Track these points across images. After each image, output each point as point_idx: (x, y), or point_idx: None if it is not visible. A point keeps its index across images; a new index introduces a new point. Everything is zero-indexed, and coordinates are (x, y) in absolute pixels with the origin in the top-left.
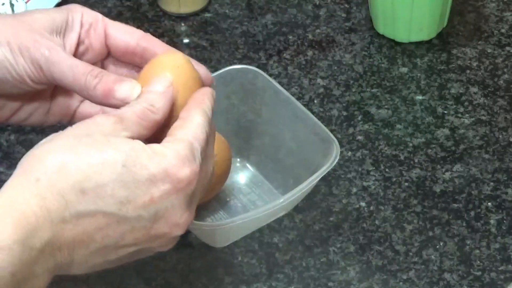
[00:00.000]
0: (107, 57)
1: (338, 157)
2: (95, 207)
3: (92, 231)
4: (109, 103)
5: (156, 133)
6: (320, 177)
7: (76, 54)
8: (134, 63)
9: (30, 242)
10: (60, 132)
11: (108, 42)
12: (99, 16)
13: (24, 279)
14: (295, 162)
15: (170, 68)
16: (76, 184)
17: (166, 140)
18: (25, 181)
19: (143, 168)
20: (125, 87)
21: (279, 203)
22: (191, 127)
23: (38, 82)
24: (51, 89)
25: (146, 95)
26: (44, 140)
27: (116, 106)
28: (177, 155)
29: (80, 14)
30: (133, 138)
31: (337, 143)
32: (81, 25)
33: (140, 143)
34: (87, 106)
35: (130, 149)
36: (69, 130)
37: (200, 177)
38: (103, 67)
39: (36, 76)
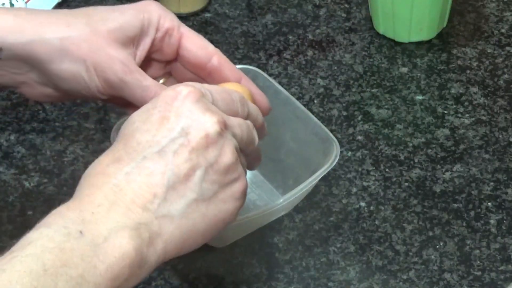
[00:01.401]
0: (175, 61)
1: (338, 157)
2: (133, 160)
3: (147, 178)
4: None
5: None
6: (320, 177)
7: (146, 57)
8: (199, 75)
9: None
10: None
11: (181, 53)
12: (175, 22)
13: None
14: (295, 162)
15: None
16: (110, 160)
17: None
18: (81, 185)
19: (148, 112)
20: None
21: (279, 203)
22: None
23: (106, 95)
24: None
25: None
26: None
27: None
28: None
29: (157, 17)
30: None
31: (337, 143)
32: (157, 30)
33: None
34: None
35: (137, 111)
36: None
37: (202, 91)
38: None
39: (106, 92)
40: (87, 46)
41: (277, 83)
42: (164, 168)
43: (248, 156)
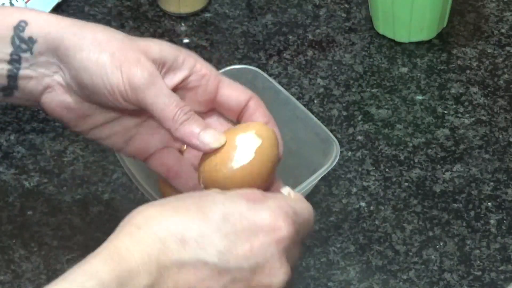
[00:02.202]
0: (207, 113)
1: (338, 157)
2: (196, 257)
3: (194, 282)
4: (191, 142)
5: None
6: (320, 177)
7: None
8: (233, 118)
9: (130, 285)
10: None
11: (219, 98)
12: (213, 70)
13: None
14: (295, 163)
15: (260, 135)
16: (177, 233)
17: (267, 194)
18: (127, 229)
19: (242, 219)
20: (211, 132)
21: None
22: (303, 204)
23: (126, 100)
24: (139, 122)
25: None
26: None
27: (197, 148)
28: (278, 208)
29: (193, 61)
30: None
31: (337, 143)
32: (191, 71)
33: (237, 195)
34: (165, 156)
35: (229, 200)
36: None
37: (296, 239)
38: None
39: (127, 94)
40: (119, 45)
41: (277, 83)
42: (214, 284)
43: None
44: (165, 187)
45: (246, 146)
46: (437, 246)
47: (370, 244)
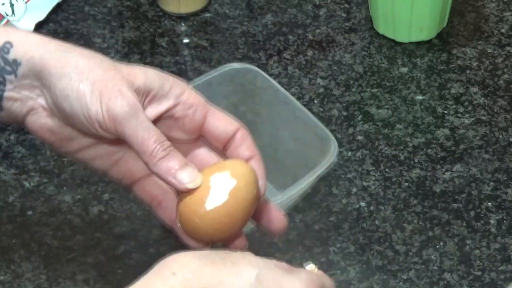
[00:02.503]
0: (194, 141)
1: (336, 156)
2: None
3: None
4: (167, 180)
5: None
6: (319, 176)
7: (156, 123)
8: (219, 148)
9: None
10: None
11: (207, 128)
12: (201, 99)
13: None
14: (294, 162)
15: (236, 175)
16: (210, 286)
17: (295, 268)
18: (160, 273)
19: (276, 284)
20: (188, 172)
21: (277, 199)
22: (328, 280)
23: (105, 130)
24: (123, 147)
25: None
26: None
27: (173, 186)
28: (309, 280)
29: (181, 90)
30: None
31: (335, 142)
32: (177, 101)
33: (272, 262)
34: (151, 184)
35: (263, 264)
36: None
37: None
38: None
39: (105, 124)
40: (101, 74)
41: (276, 82)
42: None
43: None
44: None
45: (220, 187)
46: (437, 246)
47: (370, 244)
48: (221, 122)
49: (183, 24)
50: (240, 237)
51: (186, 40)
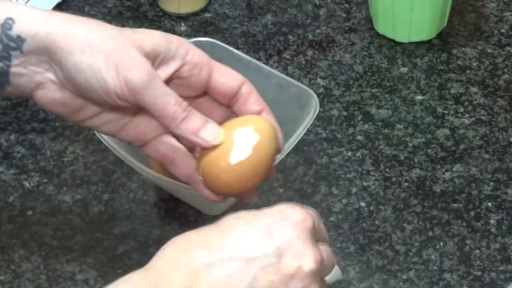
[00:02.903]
0: (200, 97)
1: (318, 107)
2: (221, 255)
3: (226, 279)
4: (191, 140)
5: None
6: (306, 129)
7: (167, 85)
8: (227, 105)
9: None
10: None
11: (212, 85)
12: (205, 57)
13: None
14: (279, 122)
15: (259, 130)
16: (198, 242)
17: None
18: (155, 257)
19: (257, 216)
20: (211, 129)
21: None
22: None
23: (123, 100)
24: (135, 109)
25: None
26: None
27: (197, 145)
28: (289, 204)
29: (185, 50)
30: None
31: (313, 94)
32: (183, 61)
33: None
34: (162, 145)
35: (244, 211)
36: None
37: (315, 220)
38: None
39: (124, 95)
40: (113, 44)
41: (236, 50)
42: (245, 276)
43: None
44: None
45: (244, 142)
46: (437, 246)
47: (370, 244)
48: (226, 77)
49: (183, 24)
50: (253, 191)
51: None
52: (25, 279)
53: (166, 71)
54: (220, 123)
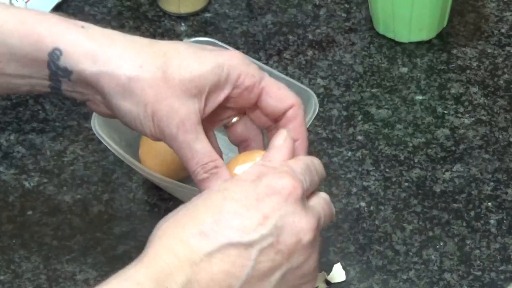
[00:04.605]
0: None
1: (318, 107)
2: (219, 243)
3: (228, 266)
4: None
5: None
6: (308, 122)
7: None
8: (273, 121)
9: (166, 283)
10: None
11: (259, 104)
12: (256, 78)
13: None
14: None
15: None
16: (194, 229)
17: (263, 161)
18: (151, 242)
19: (247, 194)
20: None
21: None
22: (305, 158)
23: (156, 138)
24: None
25: (267, 153)
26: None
27: None
28: (274, 170)
29: (237, 75)
30: None
31: (313, 94)
32: (234, 86)
33: (237, 176)
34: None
35: (232, 184)
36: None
37: (304, 182)
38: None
39: (156, 136)
40: (153, 93)
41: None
42: (246, 262)
43: None
44: (145, 156)
45: None
46: (437, 246)
47: (370, 244)
48: (274, 100)
49: (183, 24)
50: None
51: (186, 40)
52: (25, 279)
53: (216, 100)
54: (267, 127)
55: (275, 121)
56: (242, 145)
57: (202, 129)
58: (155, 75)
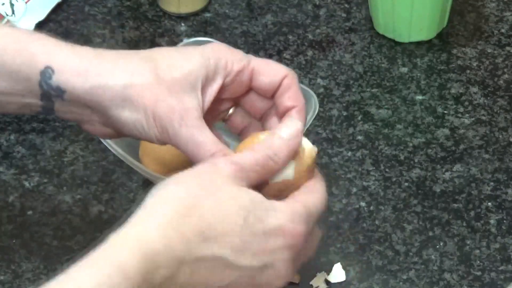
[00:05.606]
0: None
1: (318, 107)
2: (213, 253)
3: (207, 274)
4: None
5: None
6: (306, 127)
7: (215, 98)
8: (268, 97)
9: (151, 277)
10: (184, 173)
11: (253, 85)
12: (244, 61)
13: None
14: None
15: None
16: (200, 231)
17: (286, 200)
18: (152, 220)
19: (259, 221)
20: None
21: None
22: (314, 195)
23: (163, 142)
24: None
25: (272, 140)
26: (168, 181)
27: None
28: (293, 214)
29: (225, 63)
30: (250, 186)
31: (313, 94)
32: (225, 76)
33: (259, 196)
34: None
35: (250, 202)
36: (192, 173)
37: (309, 240)
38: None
39: (162, 139)
40: (149, 95)
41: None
42: (225, 277)
43: None
44: (145, 156)
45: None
46: (437, 246)
47: (370, 244)
48: (266, 75)
49: (183, 24)
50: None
51: (186, 40)
52: (25, 279)
53: (212, 91)
54: (262, 116)
55: (272, 96)
56: (243, 133)
57: (204, 124)
58: (148, 79)
